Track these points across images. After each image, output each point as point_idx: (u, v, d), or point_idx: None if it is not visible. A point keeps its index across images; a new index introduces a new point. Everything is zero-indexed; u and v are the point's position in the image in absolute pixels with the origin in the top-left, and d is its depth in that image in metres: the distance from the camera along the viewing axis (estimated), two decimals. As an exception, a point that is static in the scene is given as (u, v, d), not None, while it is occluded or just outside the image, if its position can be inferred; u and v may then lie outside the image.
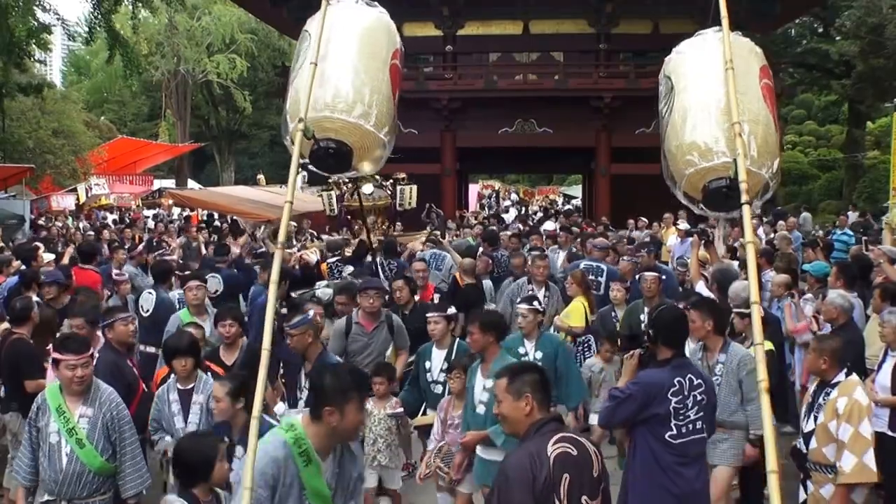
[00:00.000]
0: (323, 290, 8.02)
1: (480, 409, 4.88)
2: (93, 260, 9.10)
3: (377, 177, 13.04)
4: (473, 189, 35.01)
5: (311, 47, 3.75)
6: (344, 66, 3.81)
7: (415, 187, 13.82)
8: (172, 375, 4.94)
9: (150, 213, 28.24)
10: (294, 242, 13.18)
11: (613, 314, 7.70)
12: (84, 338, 4.67)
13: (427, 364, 5.85)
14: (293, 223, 17.12)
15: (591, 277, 8.44)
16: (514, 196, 43.73)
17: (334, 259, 9.95)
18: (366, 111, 3.80)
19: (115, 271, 9.08)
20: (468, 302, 7.68)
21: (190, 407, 4.80)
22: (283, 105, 4.08)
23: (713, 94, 3.69)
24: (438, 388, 5.73)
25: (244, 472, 2.97)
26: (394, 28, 4.18)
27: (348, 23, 3.94)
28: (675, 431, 4.16)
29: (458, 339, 5.95)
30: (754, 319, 3.07)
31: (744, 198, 3.29)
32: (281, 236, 3.48)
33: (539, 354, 5.80)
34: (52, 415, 4.30)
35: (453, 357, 5.62)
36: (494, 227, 15.36)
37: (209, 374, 5.05)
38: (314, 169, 3.93)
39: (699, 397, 4.18)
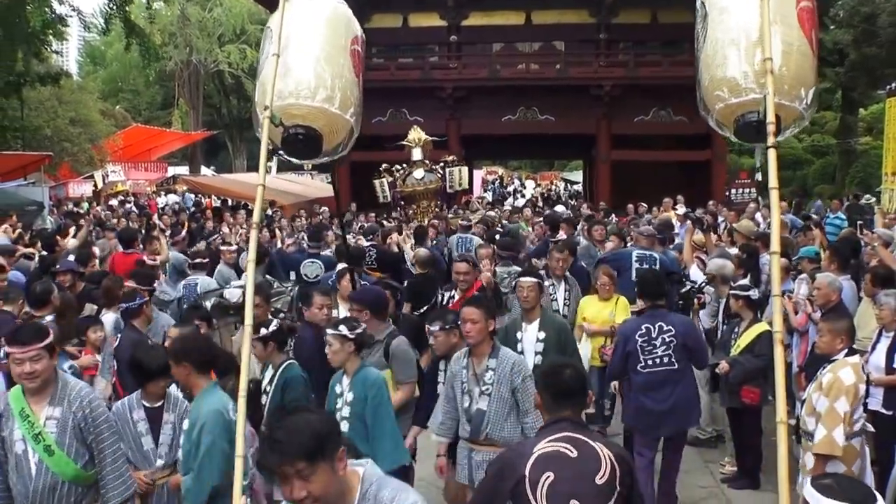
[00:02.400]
0: (231, 290, 6.98)
1: (180, 453, 4.12)
2: (134, 244, 9.36)
3: (427, 161, 13.89)
4: (478, 175, 35.63)
5: (272, 41, 3.84)
6: (304, 56, 3.93)
7: (465, 169, 14.36)
8: (137, 393, 4.29)
9: (174, 198, 28.47)
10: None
11: None
12: (39, 326, 3.89)
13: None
14: (304, 212, 17.82)
15: (645, 267, 7.68)
16: (517, 182, 44.10)
17: (368, 244, 9.71)
18: (329, 95, 3.92)
19: (148, 254, 9.19)
20: (419, 294, 7.53)
21: (161, 427, 4.22)
22: (253, 100, 4.39)
23: (744, 23, 3.52)
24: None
25: (236, 441, 3.07)
26: (352, 16, 4.27)
27: (306, 16, 4.07)
28: (643, 363, 5.46)
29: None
30: (773, 264, 3.16)
31: (770, 140, 3.21)
32: (256, 217, 3.75)
33: (350, 396, 4.38)
34: (15, 420, 3.67)
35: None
36: (545, 211, 15.19)
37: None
38: (286, 156, 4.14)
39: (668, 339, 5.42)
